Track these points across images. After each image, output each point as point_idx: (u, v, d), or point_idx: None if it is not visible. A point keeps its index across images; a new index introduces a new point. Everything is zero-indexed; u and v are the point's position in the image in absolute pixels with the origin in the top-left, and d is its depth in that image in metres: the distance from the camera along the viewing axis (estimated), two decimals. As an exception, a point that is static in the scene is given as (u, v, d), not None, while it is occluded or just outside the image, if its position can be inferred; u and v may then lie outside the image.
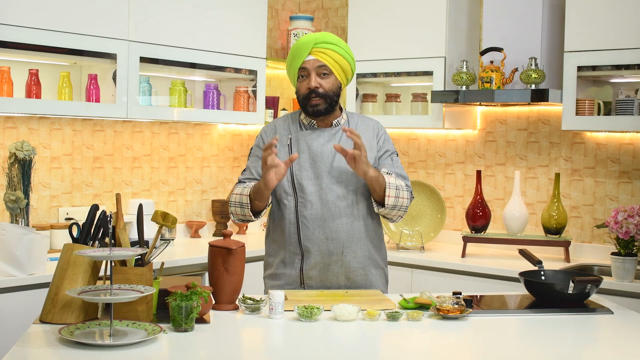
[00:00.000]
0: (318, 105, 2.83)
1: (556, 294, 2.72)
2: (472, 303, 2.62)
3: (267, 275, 2.98)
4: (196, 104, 4.48)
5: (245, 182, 2.91)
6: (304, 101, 2.86)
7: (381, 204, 2.83)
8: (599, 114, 3.86)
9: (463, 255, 4.04)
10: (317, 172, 2.85)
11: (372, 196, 2.85)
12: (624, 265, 3.44)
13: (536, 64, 3.87)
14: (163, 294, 2.46)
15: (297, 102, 2.92)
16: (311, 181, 2.84)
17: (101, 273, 2.56)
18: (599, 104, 3.86)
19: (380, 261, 2.97)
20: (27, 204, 3.29)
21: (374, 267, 2.93)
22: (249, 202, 2.81)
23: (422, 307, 2.61)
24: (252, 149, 3.00)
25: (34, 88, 3.62)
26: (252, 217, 2.86)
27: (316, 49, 2.83)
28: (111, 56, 3.76)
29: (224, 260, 2.56)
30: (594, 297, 2.88)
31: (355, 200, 2.86)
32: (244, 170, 2.98)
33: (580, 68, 3.79)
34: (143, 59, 3.88)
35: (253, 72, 4.49)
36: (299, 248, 2.85)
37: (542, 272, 2.95)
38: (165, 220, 2.48)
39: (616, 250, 3.48)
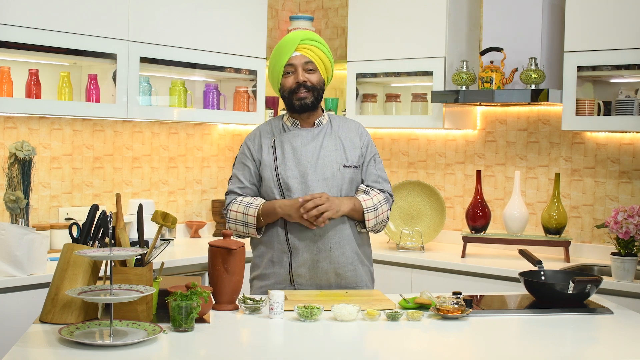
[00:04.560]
0: (305, 99, 2.87)
1: (556, 294, 2.72)
2: (472, 303, 2.62)
3: (255, 276, 2.98)
4: (196, 104, 4.48)
5: (238, 194, 2.93)
6: (291, 95, 2.88)
7: (362, 224, 2.92)
8: (599, 114, 3.86)
9: (463, 255, 4.04)
10: (302, 171, 2.87)
11: (352, 219, 2.91)
12: (623, 265, 3.44)
13: (536, 64, 3.86)
14: (163, 294, 2.46)
15: (282, 100, 2.94)
16: (296, 179, 2.87)
17: (101, 273, 2.56)
18: (599, 104, 3.86)
19: (365, 259, 3.00)
20: (27, 204, 3.29)
21: (361, 263, 2.95)
22: (255, 222, 2.86)
23: (422, 307, 2.60)
24: (237, 157, 3.02)
25: (34, 88, 3.62)
26: (257, 234, 2.91)
27: (302, 46, 2.87)
28: (111, 56, 3.76)
29: (224, 260, 2.56)
30: (594, 297, 2.87)
31: (341, 196, 2.89)
32: (231, 178, 2.99)
33: (580, 68, 3.79)
34: (143, 59, 3.88)
35: (253, 72, 4.49)
36: (287, 246, 2.87)
37: (542, 272, 2.94)
38: (165, 220, 2.48)
39: (616, 250, 3.48)
